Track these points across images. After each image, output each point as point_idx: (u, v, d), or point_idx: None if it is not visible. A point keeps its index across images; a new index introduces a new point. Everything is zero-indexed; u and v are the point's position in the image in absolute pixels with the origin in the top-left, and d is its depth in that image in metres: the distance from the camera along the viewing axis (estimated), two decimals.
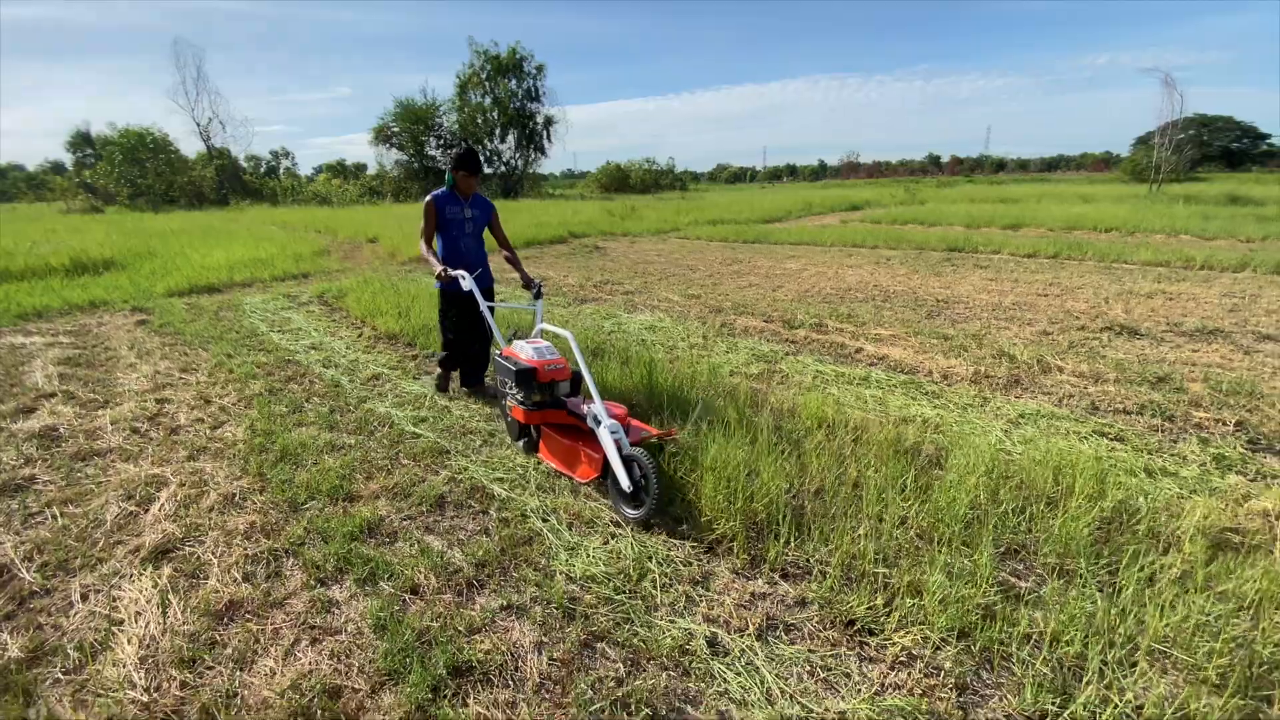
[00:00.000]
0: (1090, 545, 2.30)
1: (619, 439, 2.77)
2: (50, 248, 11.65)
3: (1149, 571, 2.13)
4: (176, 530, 2.76)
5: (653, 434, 3.07)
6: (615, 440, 2.76)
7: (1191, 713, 1.63)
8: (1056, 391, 4.20)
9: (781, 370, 4.80)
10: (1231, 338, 5.47)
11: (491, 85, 38.33)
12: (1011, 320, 6.23)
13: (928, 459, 3.06)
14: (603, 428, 2.81)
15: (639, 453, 2.66)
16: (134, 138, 34.46)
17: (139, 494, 3.10)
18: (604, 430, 2.79)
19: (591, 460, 2.95)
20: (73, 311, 7.52)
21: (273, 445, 3.60)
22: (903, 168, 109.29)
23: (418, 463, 3.39)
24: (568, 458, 3.16)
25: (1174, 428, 3.61)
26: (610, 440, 2.76)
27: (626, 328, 6.22)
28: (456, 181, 3.95)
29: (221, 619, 2.20)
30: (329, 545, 2.58)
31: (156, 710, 1.81)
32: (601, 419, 2.84)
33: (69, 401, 4.44)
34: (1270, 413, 3.72)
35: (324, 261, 11.50)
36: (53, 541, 2.69)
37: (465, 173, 3.92)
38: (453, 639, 2.04)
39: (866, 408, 3.91)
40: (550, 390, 3.27)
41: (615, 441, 2.76)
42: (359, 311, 6.99)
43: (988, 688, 1.83)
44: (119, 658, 2.01)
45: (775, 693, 1.82)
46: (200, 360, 5.48)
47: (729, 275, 9.45)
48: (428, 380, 4.71)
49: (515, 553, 2.55)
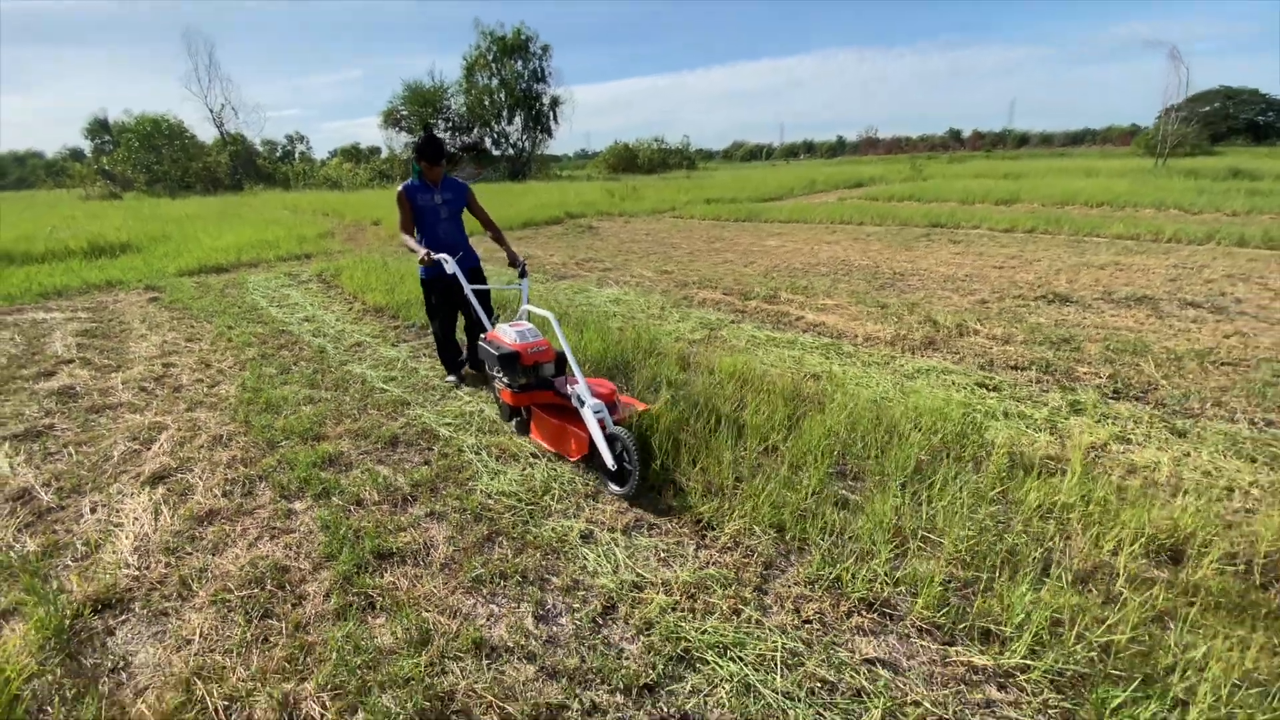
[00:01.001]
0: (914, 467, 2.76)
1: (602, 418, 2.82)
2: (69, 233, 12.32)
3: (956, 484, 2.59)
4: (171, 462, 3.31)
5: (638, 408, 3.15)
6: (599, 420, 2.81)
7: (923, 574, 2.10)
8: (963, 351, 4.62)
9: (722, 336, 5.25)
10: (1157, 304, 5.81)
11: (498, 67, 38.54)
12: (957, 290, 6.60)
13: (812, 403, 3.51)
14: (586, 408, 2.85)
15: (621, 432, 2.73)
16: (150, 124, 35.31)
17: (142, 436, 3.66)
18: (587, 410, 2.84)
19: (579, 439, 2.98)
20: (90, 290, 8.15)
21: (259, 399, 4.14)
22: (922, 143, 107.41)
23: (381, 412, 3.92)
24: (557, 437, 3.19)
25: (1050, 380, 4.02)
26: (594, 420, 2.81)
27: (594, 301, 6.70)
28: (422, 170, 3.92)
29: (201, 522, 2.74)
30: (294, 471, 3.12)
31: (144, 581, 2.36)
32: (585, 399, 2.87)
33: (85, 366, 5.03)
34: (1145, 368, 4.12)
35: (327, 243, 12.06)
36: (68, 472, 3.25)
37: (426, 163, 3.87)
38: (381, 534, 2.57)
39: (782, 366, 4.36)
40: (535, 372, 3.27)
41: (599, 421, 2.81)
42: (352, 288, 7.52)
43: (789, 565, 2.31)
44: (117, 548, 2.56)
45: (622, 566, 2.32)
46: (204, 331, 6.05)
47: (708, 252, 9.84)
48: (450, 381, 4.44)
49: (447, 477, 3.06)
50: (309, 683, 1.85)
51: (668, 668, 1.87)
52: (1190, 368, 4.12)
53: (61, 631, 2.08)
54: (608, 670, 1.86)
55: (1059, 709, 1.69)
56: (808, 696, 1.75)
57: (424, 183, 3.97)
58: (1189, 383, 3.89)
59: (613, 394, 3.12)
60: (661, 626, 2.01)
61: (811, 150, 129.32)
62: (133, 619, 2.18)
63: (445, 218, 4.06)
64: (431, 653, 1.94)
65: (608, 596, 2.19)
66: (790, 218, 14.28)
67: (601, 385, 3.14)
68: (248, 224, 14.44)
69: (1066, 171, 26.29)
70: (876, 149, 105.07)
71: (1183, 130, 25.10)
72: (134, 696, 1.83)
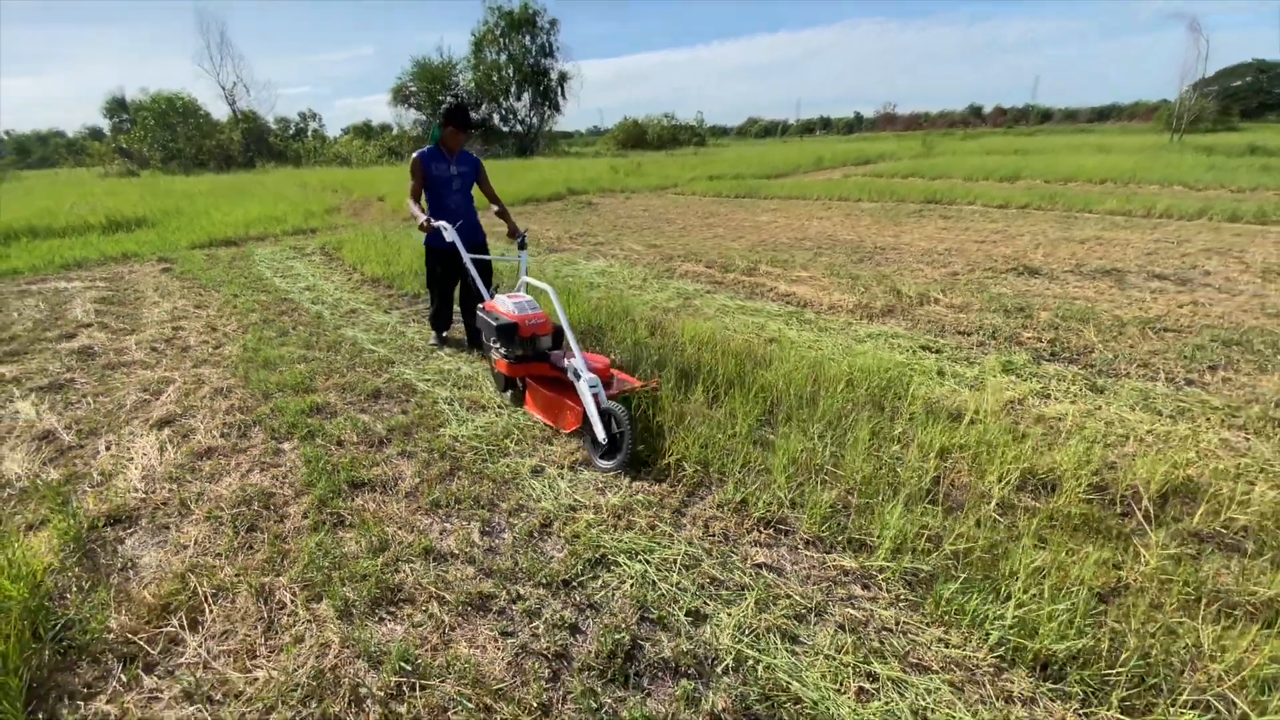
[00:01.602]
0: (836, 415, 3.04)
1: (597, 393, 2.85)
2: (88, 208, 12.75)
3: (866, 429, 2.87)
4: (177, 409, 3.68)
5: (635, 385, 3.19)
6: (594, 394, 2.84)
7: (816, 500, 2.40)
8: (919, 319, 4.86)
9: (695, 305, 5.52)
10: (1124, 277, 5.99)
11: (506, 42, 38.37)
12: (932, 264, 6.79)
13: (760, 362, 3.78)
14: (582, 381, 2.88)
15: (616, 407, 2.76)
16: (165, 103, 35.72)
17: (152, 388, 4.03)
18: (583, 384, 2.87)
19: (574, 412, 3.01)
20: (108, 262, 8.56)
21: (258, 357, 4.49)
22: (941, 119, 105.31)
23: (367, 369, 4.25)
24: (551, 409, 3.22)
25: (994, 344, 4.26)
26: (589, 394, 2.84)
27: (580, 272, 6.97)
28: (444, 137, 3.89)
29: (201, 457, 3.10)
30: (284, 417, 3.46)
31: (150, 503, 2.72)
32: (581, 373, 2.90)
33: (103, 329, 5.41)
34: (1086, 334, 4.34)
35: (333, 218, 12.38)
36: (86, 417, 3.63)
37: (454, 128, 3.85)
38: (355, 468, 2.90)
39: (744, 331, 4.63)
40: (532, 344, 3.29)
41: (594, 395, 2.84)
42: (352, 259, 7.85)
43: (708, 493, 2.62)
44: (128, 477, 2.92)
45: (563, 494, 2.65)
46: (212, 299, 6.41)
47: (700, 227, 10.05)
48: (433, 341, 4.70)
49: (420, 423, 3.40)
50: (283, 577, 2.20)
51: (585, 568, 2.19)
52: (1131, 334, 4.34)
53: (79, 539, 2.45)
54: (535, 570, 2.18)
55: (907, 601, 1.99)
56: (696, 589, 2.07)
57: (441, 152, 3.96)
58: (1124, 347, 4.12)
59: (607, 369, 3.15)
60: (586, 538, 2.34)
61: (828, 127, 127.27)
62: (139, 531, 2.54)
63: (457, 189, 4.07)
64: (387, 556, 2.28)
65: (545, 517, 2.51)
66: (789, 194, 14.39)
67: (596, 360, 3.16)
68: (257, 200, 14.80)
69: (1079, 148, 25.91)
70: (894, 125, 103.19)
71: (1201, 105, 24.55)
72: (138, 587, 2.19)
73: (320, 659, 1.84)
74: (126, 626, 1.98)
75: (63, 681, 1.80)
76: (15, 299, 6.52)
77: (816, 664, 1.76)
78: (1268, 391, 3.42)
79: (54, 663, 1.86)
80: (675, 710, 1.64)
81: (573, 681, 1.73)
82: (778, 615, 1.94)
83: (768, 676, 1.73)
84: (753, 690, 1.69)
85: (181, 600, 2.10)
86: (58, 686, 1.78)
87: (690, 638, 1.87)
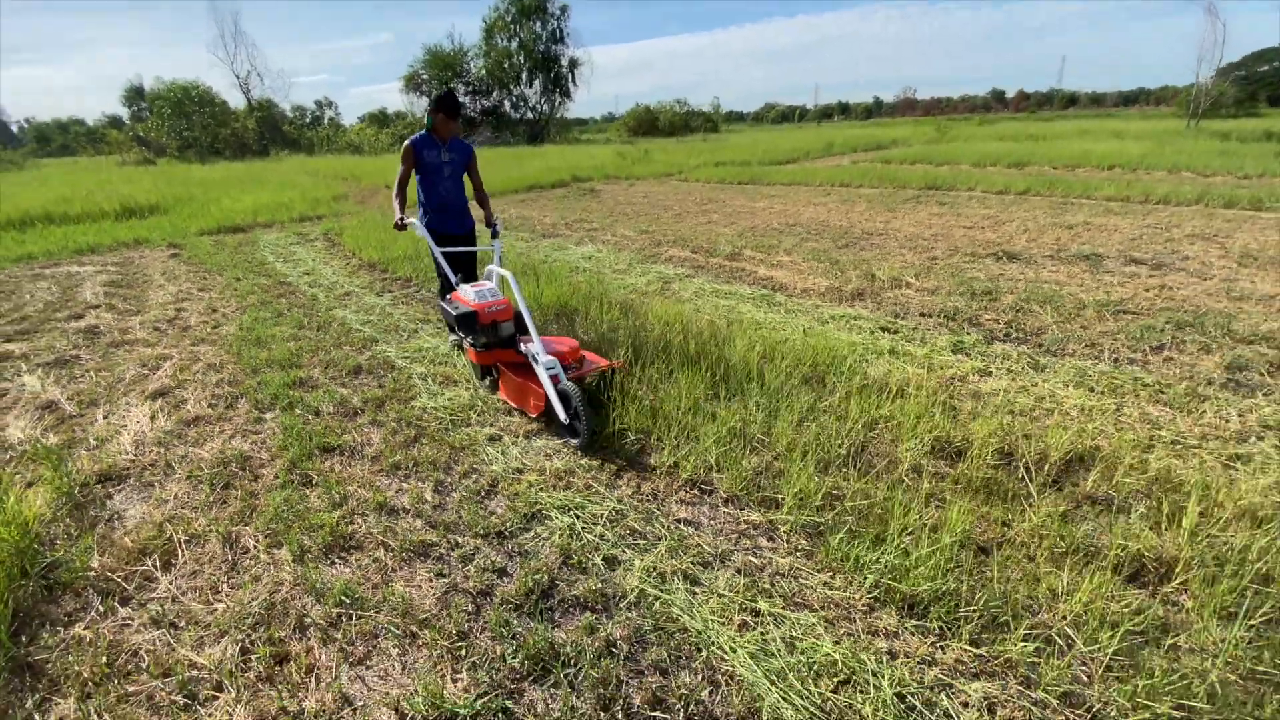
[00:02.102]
0: (779, 389, 3.21)
1: (554, 374, 2.93)
2: (104, 196, 13.13)
3: (802, 401, 3.04)
4: (171, 383, 3.93)
5: (601, 365, 3.27)
6: (551, 376, 2.92)
7: (742, 465, 2.58)
8: (886, 301, 4.99)
9: (673, 288, 5.69)
10: (1101, 261, 6.05)
11: (517, 28, 38.38)
12: (914, 249, 6.88)
13: (719, 341, 3.95)
14: (539, 364, 2.96)
15: (570, 387, 2.82)
16: (180, 91, 36.28)
17: (150, 364, 4.30)
18: (540, 367, 2.95)
19: (538, 395, 3.06)
20: (119, 247, 8.89)
21: (251, 336, 4.74)
22: (963, 104, 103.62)
23: (352, 347, 4.49)
24: (518, 394, 3.28)
25: (952, 325, 4.39)
26: (546, 376, 2.91)
27: (568, 257, 7.16)
28: (435, 124, 3.88)
29: (188, 425, 3.35)
30: (269, 390, 3.70)
31: (138, 464, 2.97)
32: (539, 357, 2.97)
33: (110, 311, 5.71)
34: (1042, 316, 4.45)
35: (339, 205, 12.66)
36: (87, 390, 3.90)
37: (444, 115, 3.84)
38: (328, 435, 3.13)
39: (714, 313, 4.79)
40: (494, 331, 3.33)
41: (551, 377, 2.92)
42: (352, 245, 8.10)
43: (650, 457, 2.81)
44: (120, 442, 3.18)
45: (513, 459, 2.86)
46: (215, 283, 6.69)
47: (696, 213, 10.17)
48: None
49: (394, 396, 3.62)
50: (250, 527, 2.44)
51: (521, 522, 2.40)
52: (1089, 316, 4.44)
53: (71, 495, 2.70)
54: (475, 523, 2.40)
55: (803, 550, 2.18)
56: (616, 539, 2.27)
57: (434, 139, 3.95)
58: (1078, 328, 4.23)
59: (575, 350, 3.21)
60: (526, 496, 2.55)
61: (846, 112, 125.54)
62: (127, 488, 2.79)
63: (448, 176, 4.05)
64: (344, 511, 2.50)
65: (494, 478, 2.72)
66: (791, 181, 14.41)
67: (563, 343, 3.23)
68: (267, 187, 15.12)
69: (1094, 133, 25.56)
70: (914, 110, 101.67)
71: (1220, 89, 24.02)
72: (121, 534, 2.43)
73: (273, 594, 2.07)
74: (106, 566, 2.23)
75: (46, 611, 2.05)
76: (29, 282, 6.85)
77: (710, 602, 1.95)
78: (1205, 370, 3.53)
79: (39, 596, 2.11)
80: (577, 638, 1.84)
81: (492, 614, 1.94)
82: (685, 561, 2.13)
83: (664, 611, 1.92)
84: (648, 622, 1.89)
85: (158, 545, 2.34)
86: (41, 615, 2.03)
87: (603, 579, 2.07)
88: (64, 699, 1.72)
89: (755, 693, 1.64)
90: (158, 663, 1.82)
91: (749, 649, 1.76)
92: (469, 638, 1.87)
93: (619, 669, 1.74)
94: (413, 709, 1.63)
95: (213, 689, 1.74)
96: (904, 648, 1.77)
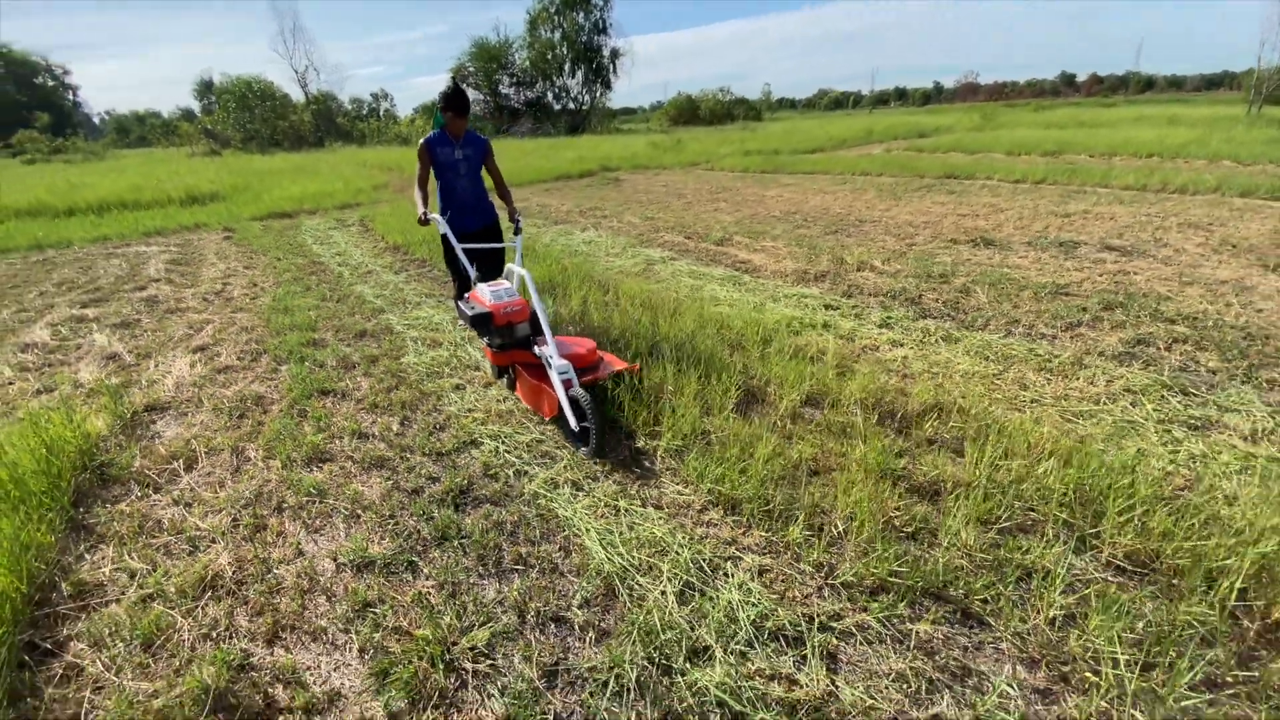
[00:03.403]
0: (708, 353, 3.70)
1: (567, 379, 2.89)
2: (172, 184, 14.42)
3: (724, 363, 3.53)
4: (210, 340, 4.70)
5: (620, 367, 3.24)
6: (564, 381, 2.88)
7: (643, 409, 3.10)
8: (846, 283, 5.37)
9: (655, 270, 6.19)
10: (1076, 248, 6.24)
11: (560, 19, 39.03)
12: (898, 235, 7.18)
13: (671, 314, 4.45)
14: (552, 369, 2.92)
15: (582, 394, 2.78)
16: (243, 86, 38.45)
17: (196, 327, 5.09)
18: (553, 372, 2.91)
19: (551, 399, 3.00)
20: (181, 230, 9.94)
21: (281, 306, 5.49)
22: (1029, 89, 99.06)
23: (362, 315, 5.18)
24: (533, 396, 3.22)
25: (893, 303, 4.77)
26: (559, 381, 2.88)
27: (570, 242, 7.73)
28: (446, 122, 3.81)
29: (219, 373, 4.08)
30: (286, 347, 4.41)
31: (177, 399, 3.70)
32: (552, 360, 2.94)
33: (168, 284, 6.59)
34: (982, 296, 4.78)
35: (378, 194, 13.57)
36: (144, 346, 4.69)
37: (452, 114, 3.76)
38: (326, 382, 3.80)
39: (680, 290, 5.28)
40: (510, 333, 3.27)
41: (564, 382, 2.87)
42: (380, 230, 8.88)
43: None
44: (165, 383, 3.92)
45: (470, 403, 3.45)
46: (259, 262, 7.55)
47: (705, 201, 10.59)
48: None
49: (387, 355, 4.27)
50: (253, 444, 3.11)
51: (459, 446, 2.99)
52: (1025, 297, 4.74)
53: (124, 419, 3.43)
54: (424, 446, 3.00)
55: (670, 469, 2.69)
56: (530, 459, 2.84)
57: (446, 136, 3.88)
58: (1009, 307, 4.55)
59: (592, 352, 3.18)
60: (468, 429, 3.14)
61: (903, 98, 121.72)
62: (166, 416, 3.51)
63: (464, 174, 3.97)
64: (326, 434, 3.14)
65: (449, 416, 3.32)
66: (813, 170, 14.59)
67: (581, 344, 3.20)
68: (316, 177, 16.22)
69: (1150, 120, 24.57)
70: (976, 96, 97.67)
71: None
72: (158, 446, 3.14)
73: (262, 488, 2.72)
74: (145, 466, 2.93)
75: (98, 493, 2.75)
76: (103, 259, 7.86)
77: (585, 501, 2.50)
78: (1107, 344, 3.84)
79: (94, 483, 2.82)
80: (475, 521, 2.42)
81: (418, 505, 2.54)
82: (577, 474, 2.68)
83: (547, 506, 2.48)
84: (533, 513, 2.45)
85: (184, 453, 3.03)
86: (94, 495, 2.73)
87: (508, 485, 2.65)
88: (106, 547, 2.40)
89: (591, 555, 2.18)
90: (174, 527, 2.49)
91: (598, 530, 2.30)
92: (396, 518, 2.47)
93: (500, 539, 2.31)
94: (344, 556, 2.24)
95: (209, 543, 2.39)
96: (716, 534, 2.27)
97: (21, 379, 4.11)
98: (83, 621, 2.02)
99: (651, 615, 1.90)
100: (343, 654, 1.87)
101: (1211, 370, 3.45)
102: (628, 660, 1.77)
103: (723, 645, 1.81)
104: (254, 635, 1.95)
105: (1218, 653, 1.73)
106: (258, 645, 1.92)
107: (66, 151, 39.32)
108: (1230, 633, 1.81)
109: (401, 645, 1.86)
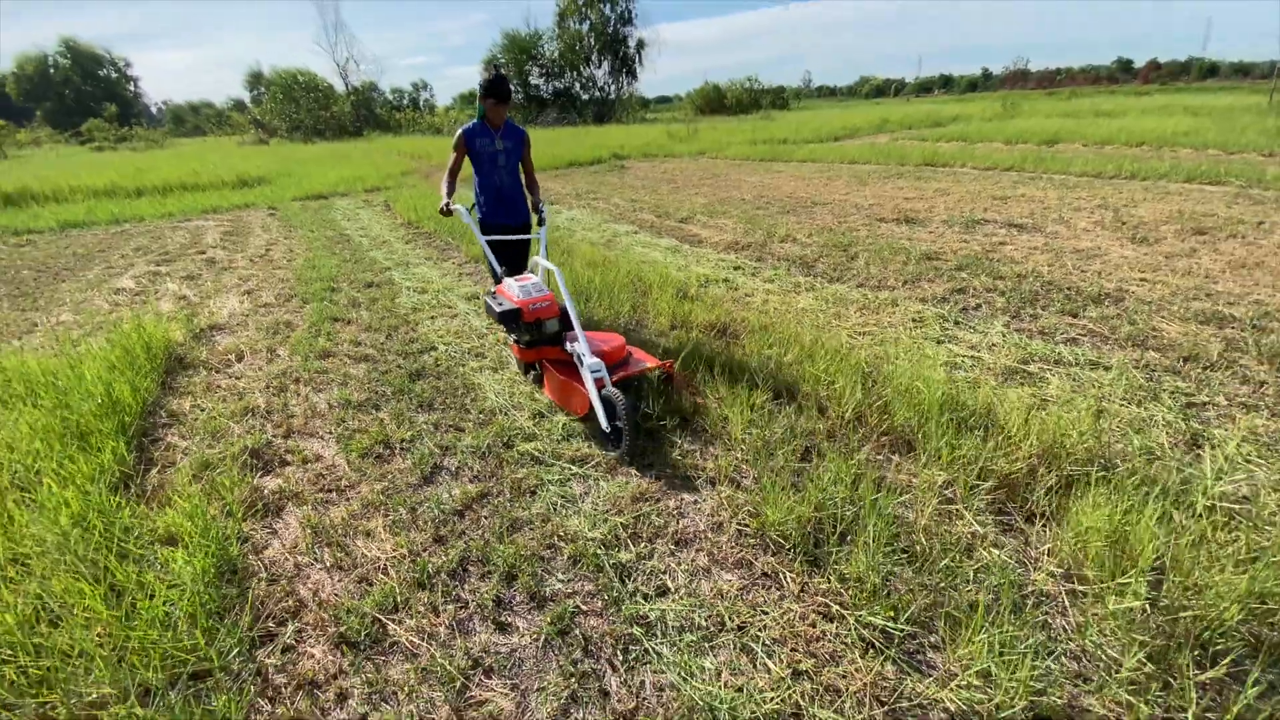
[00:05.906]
0: (620, 297, 4.89)
1: (599, 377, 2.81)
2: (224, 170, 16.13)
3: (629, 303, 4.71)
4: (255, 288, 6.09)
5: (650, 365, 3.15)
6: (596, 380, 2.80)
7: None
8: (763, 251, 6.47)
9: (618, 240, 7.38)
10: (981, 226, 7.18)
11: (587, 10, 40.11)
12: (837, 215, 8.19)
13: (605, 269, 5.63)
14: (584, 367, 2.87)
15: (615, 394, 2.68)
16: (289, 78, 40.69)
17: (244, 278, 6.49)
18: (585, 370, 2.85)
19: (582, 397, 2.93)
20: (233, 209, 11.50)
21: (310, 265, 6.87)
22: (1083, 75, 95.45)
23: (372, 272, 6.51)
24: (563, 394, 3.17)
25: (791, 266, 5.86)
26: (590, 380, 2.81)
27: (554, 219, 8.96)
28: (486, 111, 3.67)
29: (260, 308, 5.45)
30: (311, 292, 5.76)
31: (230, 323, 5.06)
32: (584, 358, 2.88)
33: (222, 250, 8.06)
34: (862, 261, 5.83)
35: (404, 179, 15.00)
36: (206, 290, 6.10)
37: (494, 100, 3.61)
38: (337, 313, 5.11)
39: (626, 256, 6.46)
40: (539, 329, 3.20)
41: (596, 381, 2.80)
42: (400, 210, 10.25)
43: None
44: (221, 313, 5.30)
45: (439, 327, 4.72)
46: (296, 234, 8.98)
47: (690, 186, 11.67)
48: None
49: (385, 297, 5.57)
50: (283, 349, 4.43)
51: (423, 350, 4.26)
52: (897, 262, 5.78)
53: (193, 332, 4.80)
54: (398, 350, 4.27)
55: None
56: (472, 357, 4.09)
57: (486, 126, 3.74)
58: (878, 268, 5.60)
59: (622, 348, 3.12)
60: (432, 339, 4.40)
61: (948, 85, 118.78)
62: (223, 332, 4.88)
63: (503, 165, 3.83)
64: (332, 344, 4.45)
65: (421, 335, 4.59)
66: (806, 158, 15.47)
67: (609, 340, 3.15)
68: (350, 163, 17.80)
69: (1170, 109, 24.52)
70: (1025, 83, 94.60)
71: None
72: (218, 347, 4.49)
73: (285, 370, 4.04)
74: (209, 358, 4.28)
75: (178, 373, 4.11)
76: (170, 231, 9.42)
77: (497, 376, 3.73)
78: (933, 292, 4.88)
79: (174, 368, 4.17)
80: (422, 386, 3.67)
81: (389, 378, 3.81)
82: (496, 361, 3.92)
83: (472, 380, 3.73)
84: (459, 381, 3.69)
85: (235, 351, 4.38)
86: (176, 373, 4.09)
87: (449, 369, 3.90)
88: (183, 399, 3.73)
89: (487, 398, 3.42)
90: (230, 389, 3.82)
91: (494, 387, 3.53)
92: (371, 384, 3.75)
93: (435, 396, 3.56)
94: (336, 400, 3.53)
95: (251, 395, 3.71)
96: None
97: (118, 310, 5.55)
98: (173, 429, 3.35)
99: (511, 421, 3.14)
100: (326, 443, 3.15)
101: (995, 310, 4.49)
102: (488, 441, 3.00)
103: (543, 434, 3.03)
104: (273, 434, 3.25)
105: (809, 425, 2.86)
106: (277, 438, 3.21)
107: (130, 140, 42.24)
108: (838, 432, 2.93)
109: (360, 438, 3.14)
